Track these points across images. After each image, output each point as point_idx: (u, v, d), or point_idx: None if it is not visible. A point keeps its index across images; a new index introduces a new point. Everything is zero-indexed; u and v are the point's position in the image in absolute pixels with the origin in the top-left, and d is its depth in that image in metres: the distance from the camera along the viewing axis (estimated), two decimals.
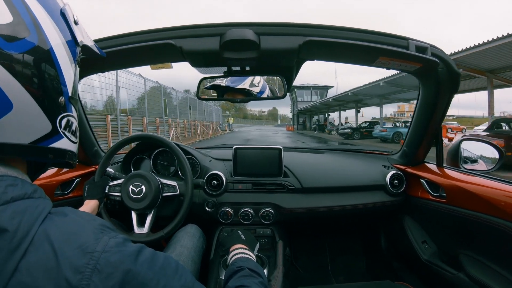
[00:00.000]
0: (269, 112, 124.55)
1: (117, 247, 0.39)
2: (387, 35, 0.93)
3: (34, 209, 0.38)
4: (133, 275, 0.38)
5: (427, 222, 1.39)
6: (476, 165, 1.33)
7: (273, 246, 1.39)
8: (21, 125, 0.40)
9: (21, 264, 0.34)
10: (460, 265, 1.13)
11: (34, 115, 0.42)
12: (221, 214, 1.39)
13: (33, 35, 0.40)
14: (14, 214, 0.36)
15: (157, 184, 1.12)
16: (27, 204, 0.38)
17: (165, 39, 0.91)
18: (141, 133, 1.29)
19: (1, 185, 0.38)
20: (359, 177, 1.48)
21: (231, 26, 0.89)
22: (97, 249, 0.38)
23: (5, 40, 0.38)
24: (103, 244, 0.39)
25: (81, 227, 0.40)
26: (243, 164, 1.45)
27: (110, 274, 0.37)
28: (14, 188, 0.39)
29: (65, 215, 0.41)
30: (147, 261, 0.41)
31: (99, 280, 0.36)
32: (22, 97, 0.40)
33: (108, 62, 1.03)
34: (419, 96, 1.22)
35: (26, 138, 0.41)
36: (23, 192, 0.39)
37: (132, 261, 0.39)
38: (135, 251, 0.41)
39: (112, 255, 0.38)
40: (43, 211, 0.39)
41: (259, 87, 1.19)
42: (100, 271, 0.36)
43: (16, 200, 0.38)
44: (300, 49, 0.90)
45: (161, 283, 0.40)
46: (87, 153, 1.44)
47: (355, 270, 1.85)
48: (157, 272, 0.41)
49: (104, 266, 0.37)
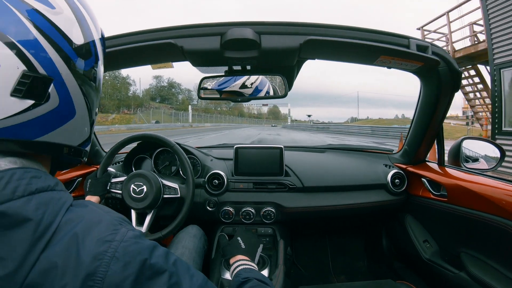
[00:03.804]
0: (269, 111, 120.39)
1: (134, 239, 0.41)
2: (388, 34, 0.93)
3: (57, 200, 0.40)
4: (149, 266, 0.40)
5: (428, 221, 1.39)
6: (477, 164, 1.33)
7: (275, 245, 1.39)
8: (75, 130, 0.47)
9: (44, 253, 0.36)
10: (461, 264, 1.13)
11: (85, 123, 0.49)
12: (223, 213, 1.39)
13: (93, 57, 0.48)
14: (39, 205, 0.38)
15: (159, 185, 1.12)
16: (51, 196, 0.40)
17: (166, 39, 0.91)
18: (143, 132, 1.29)
19: (26, 177, 0.39)
20: (360, 176, 1.48)
21: (232, 26, 0.89)
22: (116, 238, 0.39)
23: (80, 58, 0.45)
24: (121, 234, 0.40)
25: (101, 218, 0.41)
26: (244, 163, 1.45)
27: (128, 263, 0.38)
28: (38, 180, 0.40)
29: (85, 206, 0.43)
30: (162, 256, 0.43)
31: (117, 268, 0.37)
32: (83, 107, 0.47)
33: (109, 62, 1.03)
34: (420, 95, 1.21)
35: (76, 142, 0.49)
36: (47, 185, 0.41)
37: (149, 253, 0.41)
38: (151, 245, 0.43)
39: (130, 246, 0.40)
40: (66, 203, 0.41)
41: (252, 88, 1.16)
42: (119, 259, 0.38)
43: (40, 191, 0.39)
44: (301, 48, 0.90)
45: (174, 279, 0.42)
46: (88, 152, 1.44)
47: (356, 269, 1.85)
48: (170, 267, 0.42)
49: (122, 255, 0.38)
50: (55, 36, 0.41)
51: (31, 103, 0.39)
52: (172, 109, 51.77)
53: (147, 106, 49.70)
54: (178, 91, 66.27)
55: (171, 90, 64.27)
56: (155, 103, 56.53)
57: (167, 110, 47.98)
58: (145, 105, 49.81)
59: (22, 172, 0.39)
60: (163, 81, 63.05)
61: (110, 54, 0.95)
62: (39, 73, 0.39)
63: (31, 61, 0.38)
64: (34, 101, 0.40)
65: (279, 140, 18.45)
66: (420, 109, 1.25)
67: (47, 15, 0.40)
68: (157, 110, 45.40)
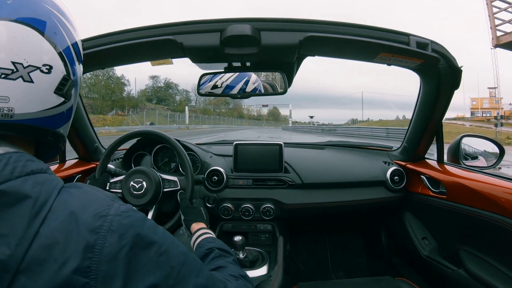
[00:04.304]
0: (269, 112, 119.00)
1: (127, 212, 0.45)
2: (388, 31, 0.93)
3: (50, 181, 0.44)
4: (142, 237, 0.44)
5: (427, 218, 1.39)
6: (476, 161, 1.34)
7: (274, 242, 1.40)
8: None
9: (42, 228, 0.39)
10: (460, 261, 1.14)
11: None
12: (222, 210, 1.39)
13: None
14: (35, 184, 0.42)
15: (158, 180, 1.12)
16: (44, 177, 0.44)
17: (165, 35, 0.90)
18: (142, 129, 1.29)
19: (22, 159, 0.43)
20: (360, 173, 1.48)
21: (232, 22, 0.89)
22: (111, 213, 0.44)
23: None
24: (115, 209, 0.45)
25: (95, 196, 0.46)
26: (243, 160, 1.45)
27: (122, 234, 0.42)
28: (32, 163, 0.44)
29: (79, 187, 0.47)
30: (152, 227, 0.48)
31: (113, 239, 0.41)
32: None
33: (108, 58, 1.03)
34: (420, 92, 1.21)
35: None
36: (40, 167, 0.45)
37: (140, 225, 0.45)
38: (142, 217, 0.47)
39: (124, 219, 0.44)
40: (58, 184, 0.45)
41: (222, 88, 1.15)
42: (114, 232, 0.42)
43: (35, 173, 0.43)
44: (300, 44, 0.90)
45: (164, 247, 0.46)
46: (88, 149, 1.44)
47: (355, 266, 1.86)
48: (160, 236, 0.47)
49: (117, 227, 0.42)
50: (78, 51, 0.53)
51: (62, 100, 0.50)
52: (169, 110, 49.76)
53: (142, 107, 47.62)
54: (175, 92, 63.46)
55: (168, 91, 61.40)
56: (151, 104, 54.15)
57: (163, 111, 46.07)
58: (140, 106, 47.82)
59: (18, 156, 0.43)
60: (159, 82, 60.18)
61: (110, 50, 0.95)
62: (71, 78, 0.50)
63: (69, 69, 0.50)
64: (64, 99, 0.50)
65: None
66: (420, 107, 1.25)
67: (76, 37, 0.53)
68: (152, 111, 43.43)
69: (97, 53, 0.94)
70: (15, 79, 0.43)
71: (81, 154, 1.47)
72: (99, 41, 0.94)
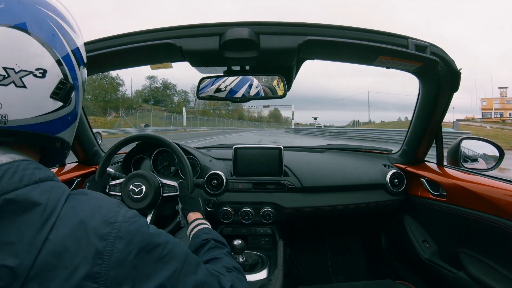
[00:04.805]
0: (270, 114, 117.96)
1: (133, 218, 0.47)
2: (387, 34, 0.93)
3: (58, 188, 0.45)
4: (147, 241, 0.46)
5: (427, 221, 1.39)
6: (476, 164, 1.33)
7: (274, 246, 1.39)
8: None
9: (51, 235, 0.40)
10: (460, 264, 1.13)
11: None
12: (222, 213, 1.39)
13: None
14: (43, 191, 0.42)
15: (158, 184, 1.12)
16: (51, 184, 0.45)
17: (165, 39, 0.91)
18: (142, 133, 1.29)
19: (30, 167, 0.44)
20: (359, 176, 1.48)
21: (231, 26, 0.89)
22: (118, 219, 0.45)
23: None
24: (122, 215, 0.46)
25: (102, 202, 0.47)
26: (243, 164, 1.45)
27: (130, 240, 0.44)
28: (40, 171, 0.45)
29: (86, 194, 0.48)
30: (155, 230, 0.50)
31: (121, 246, 0.43)
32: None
33: (108, 62, 1.03)
34: (419, 95, 1.22)
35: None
36: (47, 175, 0.45)
37: (146, 230, 0.47)
38: (146, 222, 0.49)
39: (131, 225, 0.45)
40: (65, 191, 0.45)
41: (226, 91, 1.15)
42: (122, 238, 0.43)
43: (43, 181, 0.44)
44: (300, 48, 0.90)
45: (167, 248, 0.48)
46: (87, 153, 1.44)
47: (355, 269, 1.85)
48: (163, 238, 0.49)
49: (125, 234, 0.44)
50: (79, 54, 0.53)
51: (60, 105, 0.49)
52: (165, 112, 47.34)
53: (137, 108, 45.42)
54: (173, 93, 61.30)
55: (166, 92, 59.29)
56: (147, 105, 52.05)
57: (159, 113, 43.69)
58: (135, 107, 45.81)
59: (26, 164, 0.44)
60: (157, 82, 58.14)
61: (109, 54, 0.94)
62: (69, 82, 0.49)
63: (67, 72, 0.49)
64: (62, 104, 0.49)
65: None
66: (419, 109, 1.25)
67: (76, 40, 0.52)
68: (148, 113, 40.66)
69: (96, 57, 0.94)
70: (7, 85, 0.42)
71: (81, 157, 1.47)
72: (98, 45, 0.94)
